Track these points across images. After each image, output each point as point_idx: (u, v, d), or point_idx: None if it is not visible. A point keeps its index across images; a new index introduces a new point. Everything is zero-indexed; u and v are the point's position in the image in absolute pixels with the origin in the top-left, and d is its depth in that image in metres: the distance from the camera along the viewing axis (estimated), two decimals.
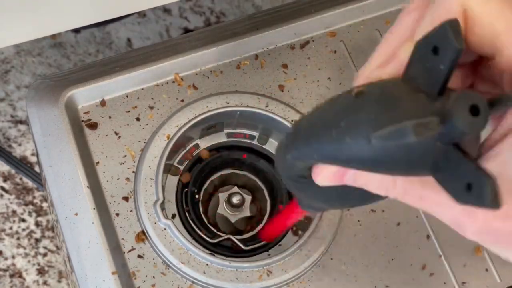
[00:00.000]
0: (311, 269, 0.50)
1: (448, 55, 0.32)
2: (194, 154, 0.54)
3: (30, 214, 0.71)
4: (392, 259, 0.51)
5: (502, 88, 0.35)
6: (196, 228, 0.52)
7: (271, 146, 0.54)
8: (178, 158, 0.53)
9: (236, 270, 0.49)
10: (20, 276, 0.69)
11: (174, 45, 0.54)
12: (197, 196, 0.54)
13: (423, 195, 0.36)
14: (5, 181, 0.72)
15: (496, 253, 0.34)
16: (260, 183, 0.55)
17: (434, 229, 0.52)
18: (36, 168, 0.72)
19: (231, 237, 0.51)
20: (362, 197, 0.38)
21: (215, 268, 0.49)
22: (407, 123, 0.30)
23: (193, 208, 0.53)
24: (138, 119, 0.52)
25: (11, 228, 0.70)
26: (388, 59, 0.37)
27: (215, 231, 0.52)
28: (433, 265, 0.51)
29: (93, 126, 0.51)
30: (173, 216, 0.52)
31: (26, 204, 0.71)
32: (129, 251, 0.49)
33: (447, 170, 0.33)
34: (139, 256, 0.49)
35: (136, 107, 0.52)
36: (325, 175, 0.37)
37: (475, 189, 0.31)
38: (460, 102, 0.31)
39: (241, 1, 0.81)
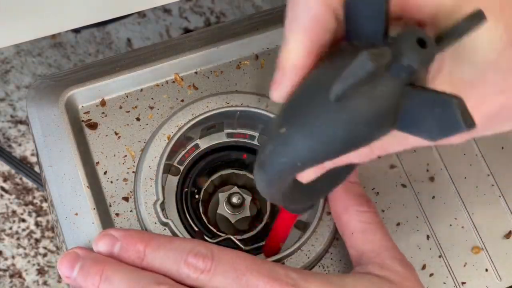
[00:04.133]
0: (311, 269, 0.50)
1: (377, 6, 0.33)
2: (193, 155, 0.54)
3: (30, 214, 0.71)
4: None
5: None
6: (196, 228, 0.52)
7: None
8: (178, 158, 0.53)
9: None
10: (20, 276, 0.69)
11: (174, 45, 0.54)
12: (197, 196, 0.54)
13: (399, 139, 0.37)
14: (5, 181, 0.72)
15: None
16: None
17: (434, 229, 0.52)
18: (36, 168, 0.72)
19: (231, 237, 0.51)
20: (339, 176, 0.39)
21: None
22: (363, 53, 0.30)
23: (193, 208, 0.53)
24: (138, 119, 0.52)
25: (11, 228, 0.70)
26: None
27: (215, 231, 0.52)
28: (433, 265, 0.51)
29: (93, 126, 0.51)
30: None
31: (26, 204, 0.71)
32: None
33: (410, 113, 0.34)
34: None
35: (136, 107, 0.52)
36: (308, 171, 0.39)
37: (444, 117, 0.32)
38: (407, 36, 0.32)
39: (241, 1, 0.81)
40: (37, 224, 0.71)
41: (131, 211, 0.50)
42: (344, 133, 0.34)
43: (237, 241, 0.51)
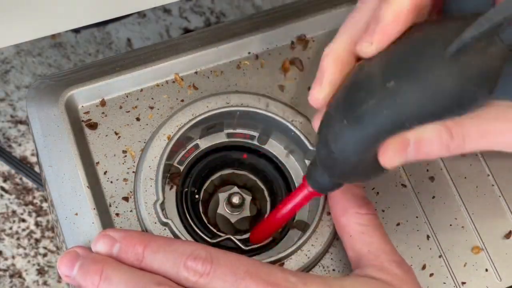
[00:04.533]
0: (311, 269, 0.50)
1: None
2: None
3: (30, 214, 0.71)
4: None
5: None
6: (196, 228, 0.52)
7: (271, 146, 0.54)
8: (178, 158, 0.53)
9: None
10: (20, 276, 0.69)
11: (174, 45, 0.54)
12: (197, 196, 0.54)
13: (482, 130, 0.38)
14: (5, 181, 0.72)
15: None
16: (260, 183, 0.55)
17: (434, 229, 0.52)
18: (36, 168, 0.72)
19: (231, 237, 0.51)
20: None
21: None
22: (481, 17, 0.34)
23: (193, 208, 0.53)
24: (138, 119, 0.52)
25: (11, 228, 0.70)
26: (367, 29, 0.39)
27: (215, 231, 0.52)
28: (433, 265, 0.51)
29: (93, 126, 0.51)
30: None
31: (26, 204, 0.71)
32: None
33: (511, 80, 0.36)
34: None
35: (136, 107, 0.52)
36: (391, 153, 0.39)
37: None
38: None
39: (241, 1, 0.81)
40: (37, 224, 0.71)
41: (131, 211, 0.50)
42: (454, 87, 0.36)
43: (237, 241, 0.51)
